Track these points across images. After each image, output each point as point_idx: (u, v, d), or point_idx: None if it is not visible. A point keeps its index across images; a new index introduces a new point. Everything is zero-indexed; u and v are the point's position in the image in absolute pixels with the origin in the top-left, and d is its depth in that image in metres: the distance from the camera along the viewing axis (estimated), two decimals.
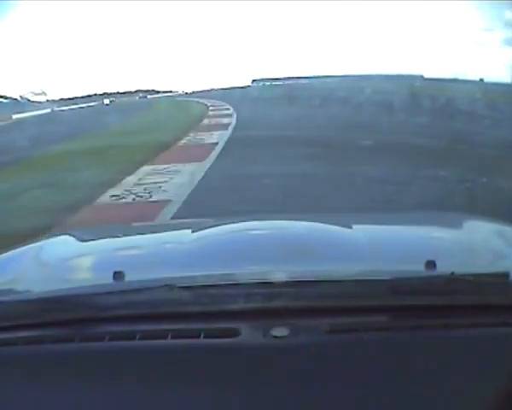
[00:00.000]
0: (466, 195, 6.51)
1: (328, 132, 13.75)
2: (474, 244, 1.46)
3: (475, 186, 7.16)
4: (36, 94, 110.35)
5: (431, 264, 1.08)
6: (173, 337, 0.94)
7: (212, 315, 0.99)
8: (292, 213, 3.00)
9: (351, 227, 1.54)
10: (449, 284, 1.00)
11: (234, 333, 0.93)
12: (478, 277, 1.03)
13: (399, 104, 20.26)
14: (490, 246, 1.44)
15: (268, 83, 70.62)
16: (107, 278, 1.09)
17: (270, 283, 0.99)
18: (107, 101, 71.05)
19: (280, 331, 0.92)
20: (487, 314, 0.97)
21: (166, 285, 1.01)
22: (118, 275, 1.08)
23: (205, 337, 0.93)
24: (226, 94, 50.67)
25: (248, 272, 1.13)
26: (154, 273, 1.20)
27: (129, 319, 0.99)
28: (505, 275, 1.01)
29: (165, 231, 1.90)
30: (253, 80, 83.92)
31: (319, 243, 1.41)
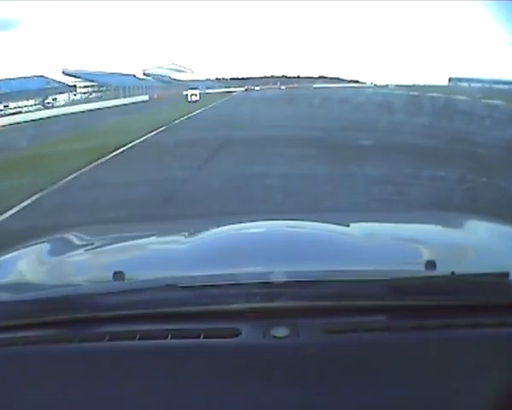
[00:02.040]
0: None
1: None
2: (474, 244, 1.46)
3: None
4: (178, 71, 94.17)
5: (431, 264, 1.08)
6: (173, 337, 0.94)
7: (212, 315, 0.99)
8: (292, 213, 2.99)
9: (351, 227, 1.54)
10: (449, 284, 1.00)
11: (234, 333, 0.93)
12: (478, 277, 1.03)
13: None
14: (490, 246, 1.43)
15: (465, 83, 54.39)
16: (107, 278, 1.09)
17: (270, 283, 0.99)
18: (195, 93, 56.83)
19: (280, 331, 0.92)
20: (487, 314, 0.97)
21: (166, 285, 1.01)
22: (118, 275, 1.08)
23: (205, 337, 0.93)
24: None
25: (248, 272, 1.13)
26: (154, 273, 1.20)
27: (129, 319, 0.99)
28: (505, 275, 1.01)
29: (165, 230, 1.90)
30: (450, 79, 68.26)
31: (319, 243, 1.41)
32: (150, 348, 0.93)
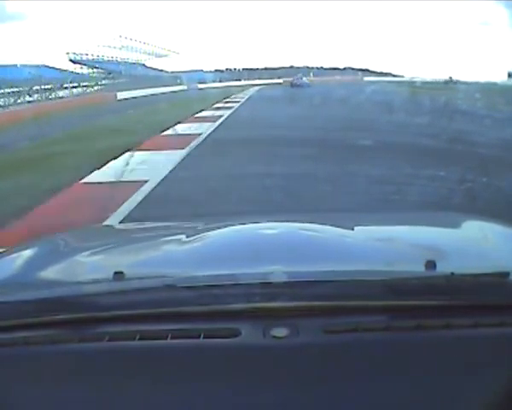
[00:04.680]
0: None
1: None
2: (474, 244, 1.46)
3: None
4: (154, 55, 59.57)
5: (431, 264, 1.08)
6: (173, 337, 0.94)
7: (212, 315, 0.99)
8: (292, 213, 3.00)
9: (351, 227, 1.54)
10: (449, 284, 1.00)
11: (234, 333, 0.93)
12: (478, 277, 1.03)
13: None
14: (490, 246, 1.43)
15: None
16: (107, 278, 1.09)
17: (270, 283, 0.99)
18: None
19: (280, 331, 0.93)
20: (487, 314, 0.97)
21: (166, 285, 1.01)
22: (118, 275, 1.08)
23: (205, 337, 0.93)
24: None
25: (248, 272, 1.13)
26: (154, 273, 1.20)
27: (129, 319, 0.99)
28: (505, 275, 1.02)
29: (165, 230, 1.90)
30: (510, 74, 53.86)
31: (319, 243, 1.41)
32: (150, 348, 0.93)
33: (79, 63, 50.36)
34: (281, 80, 64.07)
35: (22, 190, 7.60)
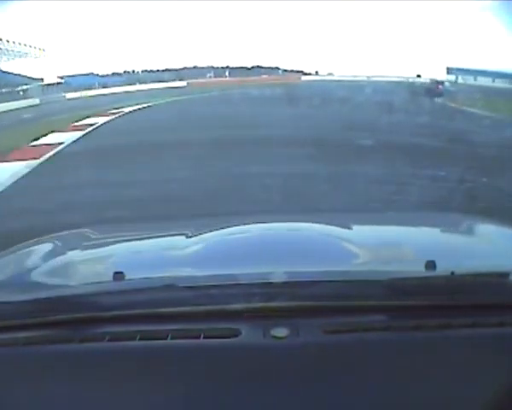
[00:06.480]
0: None
1: None
2: (474, 244, 1.47)
3: None
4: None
5: (431, 264, 1.08)
6: (173, 337, 0.94)
7: (212, 315, 0.99)
8: (292, 214, 3.00)
9: (350, 227, 1.54)
10: (449, 283, 1.00)
11: (234, 333, 0.93)
12: (478, 277, 1.03)
13: None
14: (490, 246, 1.44)
15: (471, 76, 37.90)
16: (107, 278, 1.09)
17: (270, 283, 1.00)
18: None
19: (280, 331, 0.93)
20: (487, 314, 0.97)
21: (166, 285, 1.01)
22: (118, 275, 1.08)
23: (205, 337, 0.93)
24: None
25: (248, 272, 1.13)
26: (154, 273, 1.20)
27: (129, 319, 0.99)
28: (505, 275, 1.02)
29: (165, 230, 1.90)
30: (448, 69, 42.97)
31: (319, 244, 1.41)
32: (150, 348, 0.93)
33: None
34: (184, 83, 51.92)
35: None
